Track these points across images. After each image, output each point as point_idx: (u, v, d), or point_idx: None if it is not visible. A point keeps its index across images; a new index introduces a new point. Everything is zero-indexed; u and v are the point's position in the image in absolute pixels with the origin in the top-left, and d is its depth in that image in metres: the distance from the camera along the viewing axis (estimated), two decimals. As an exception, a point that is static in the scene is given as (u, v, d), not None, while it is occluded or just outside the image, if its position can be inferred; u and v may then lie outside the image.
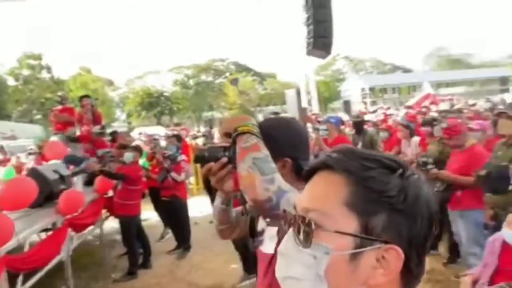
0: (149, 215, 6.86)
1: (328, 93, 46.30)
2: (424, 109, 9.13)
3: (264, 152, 1.13)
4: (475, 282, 2.90)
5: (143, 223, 5.75)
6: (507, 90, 40.50)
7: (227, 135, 1.24)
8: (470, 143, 3.75)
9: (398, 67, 60.83)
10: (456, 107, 11.99)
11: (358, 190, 0.60)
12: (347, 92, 45.58)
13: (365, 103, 41.06)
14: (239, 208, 1.53)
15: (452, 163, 3.84)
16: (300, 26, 8.85)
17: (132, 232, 5.15)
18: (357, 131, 6.02)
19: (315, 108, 9.83)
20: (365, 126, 6.73)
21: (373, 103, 41.00)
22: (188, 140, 10.52)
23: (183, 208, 5.85)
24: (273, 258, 1.37)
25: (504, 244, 2.71)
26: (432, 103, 10.99)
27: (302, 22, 8.31)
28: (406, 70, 59.45)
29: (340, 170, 0.62)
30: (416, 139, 5.48)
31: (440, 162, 4.12)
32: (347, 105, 18.85)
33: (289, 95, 11.14)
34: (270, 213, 1.10)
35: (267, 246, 1.43)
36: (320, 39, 7.46)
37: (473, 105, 9.80)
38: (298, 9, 9.27)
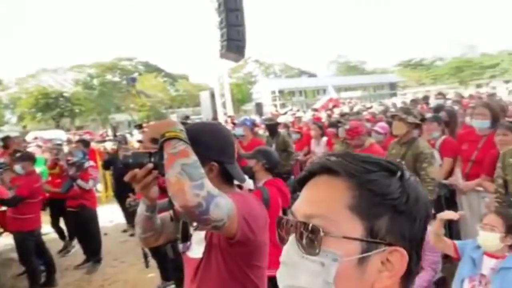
0: (51, 228, 6.23)
1: (241, 96, 47.22)
2: (328, 112, 9.87)
3: (193, 157, 1.13)
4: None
5: (45, 237, 5.20)
6: (395, 94, 45.92)
7: (153, 140, 1.21)
8: (369, 143, 4.18)
9: (304, 71, 64.72)
10: (354, 109, 13.25)
11: (361, 194, 0.60)
12: (258, 94, 46.96)
13: (275, 105, 42.79)
14: (164, 214, 1.49)
15: (355, 161, 4.24)
16: (213, 28, 8.92)
17: (30, 248, 4.61)
18: (271, 133, 6.20)
19: (230, 110, 9.97)
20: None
21: (283, 105, 42.91)
22: (94, 144, 9.80)
23: (93, 218, 5.43)
24: (201, 262, 1.37)
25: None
26: (334, 106, 11.94)
27: (215, 25, 8.37)
28: (311, 75, 63.55)
29: (342, 174, 0.61)
30: (324, 139, 5.91)
31: (344, 161, 4.52)
32: (259, 107, 19.50)
33: (203, 97, 11.17)
34: (199, 218, 1.10)
35: (194, 251, 1.42)
36: (234, 42, 7.59)
37: (370, 108, 10.91)
38: (211, 11, 9.32)
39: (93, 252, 5.40)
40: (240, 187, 1.51)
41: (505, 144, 3.19)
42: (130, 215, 6.57)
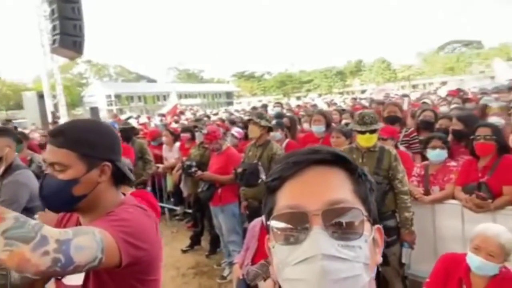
0: None
1: (70, 98, 42.23)
2: (176, 117, 9.81)
3: (9, 215, 0.89)
4: (241, 265, 3.37)
5: None
6: (231, 103, 49.14)
7: None
8: (226, 146, 4.33)
9: (143, 76, 62.62)
10: (197, 115, 13.57)
11: (359, 180, 0.63)
12: (91, 98, 42.92)
13: (112, 110, 39.88)
14: None
15: (213, 165, 4.32)
16: (40, 19, 7.64)
17: None
18: (125, 139, 5.48)
19: (64, 114, 8.63)
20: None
21: (120, 110, 40.42)
22: None
23: None
24: None
25: (263, 226, 3.29)
26: (180, 112, 11.96)
27: (44, 16, 7.22)
28: (151, 80, 62.02)
29: (339, 163, 0.63)
30: (177, 144, 5.81)
31: (202, 165, 4.55)
32: (94, 112, 17.76)
33: (28, 98, 9.42)
34: (65, 271, 0.91)
35: (72, 277, 1.20)
36: (69, 37, 6.71)
37: (216, 114, 11.34)
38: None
39: None
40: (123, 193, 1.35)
41: (338, 145, 3.79)
42: None
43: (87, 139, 1.17)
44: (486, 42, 59.58)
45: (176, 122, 9.48)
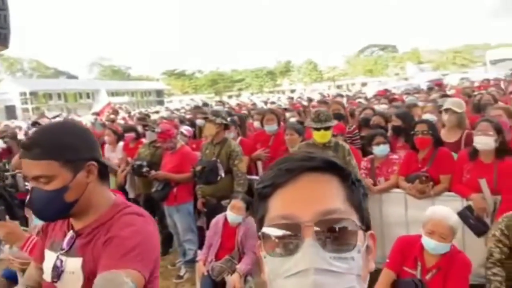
0: None
1: (-24, 96, 37.63)
2: (112, 116, 9.35)
3: None
4: (204, 262, 3.39)
5: None
6: (162, 102, 47.66)
7: None
8: (180, 145, 4.28)
9: (62, 72, 57.97)
10: (132, 113, 13.06)
11: (352, 186, 0.62)
12: (3, 96, 38.56)
13: (27, 109, 36.45)
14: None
15: (167, 164, 4.24)
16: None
17: None
18: None
19: None
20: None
21: (37, 109, 37.07)
22: None
23: None
24: None
25: (226, 223, 3.34)
26: (115, 111, 11.40)
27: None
28: (71, 76, 57.67)
29: (332, 170, 0.61)
30: (120, 144, 5.56)
31: (153, 164, 4.44)
32: (11, 111, 16.20)
33: None
34: None
35: (68, 281, 1.23)
36: (-8, 28, 6.02)
37: (157, 112, 10.98)
38: None
39: None
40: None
41: (292, 142, 3.99)
42: None
43: (66, 144, 1.15)
44: (400, 47, 65.52)
45: (112, 121, 9.02)
